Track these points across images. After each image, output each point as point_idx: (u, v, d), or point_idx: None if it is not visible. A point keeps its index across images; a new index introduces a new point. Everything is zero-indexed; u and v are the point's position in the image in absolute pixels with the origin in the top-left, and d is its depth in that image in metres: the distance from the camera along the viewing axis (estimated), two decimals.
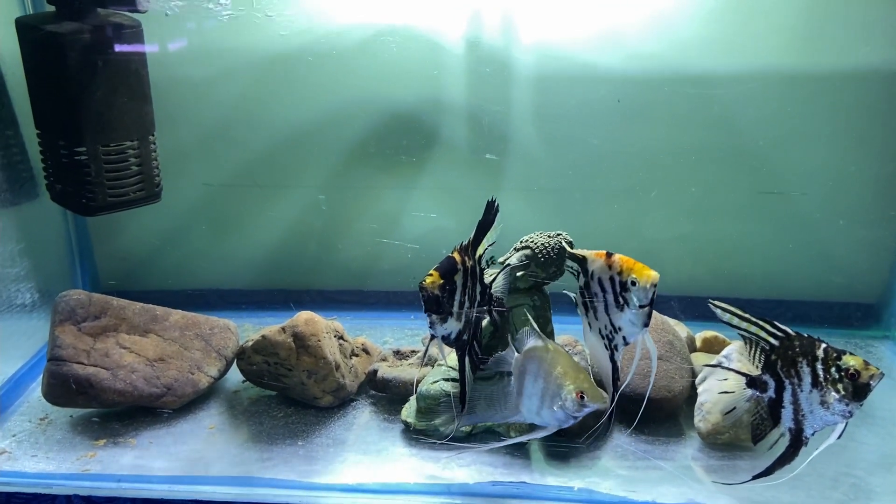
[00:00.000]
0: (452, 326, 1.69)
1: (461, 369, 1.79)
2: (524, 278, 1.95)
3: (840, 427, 1.57)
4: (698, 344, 2.23)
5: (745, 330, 1.66)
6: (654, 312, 2.05)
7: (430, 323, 1.67)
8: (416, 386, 1.98)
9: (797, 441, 1.62)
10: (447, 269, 1.65)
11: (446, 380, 2.00)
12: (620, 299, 1.68)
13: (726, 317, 1.67)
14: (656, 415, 2.00)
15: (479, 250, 1.74)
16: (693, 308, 2.28)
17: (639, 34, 2.37)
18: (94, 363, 1.96)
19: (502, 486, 1.77)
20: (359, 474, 1.85)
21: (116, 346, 2.01)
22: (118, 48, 2.06)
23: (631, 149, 2.49)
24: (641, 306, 1.65)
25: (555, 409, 1.65)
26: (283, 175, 2.60)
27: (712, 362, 2.00)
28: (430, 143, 2.52)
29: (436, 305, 1.63)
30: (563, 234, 1.97)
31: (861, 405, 1.53)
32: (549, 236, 1.96)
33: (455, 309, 1.67)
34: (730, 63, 2.37)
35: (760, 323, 1.64)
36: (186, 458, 1.91)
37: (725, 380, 1.84)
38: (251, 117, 2.52)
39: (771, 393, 1.64)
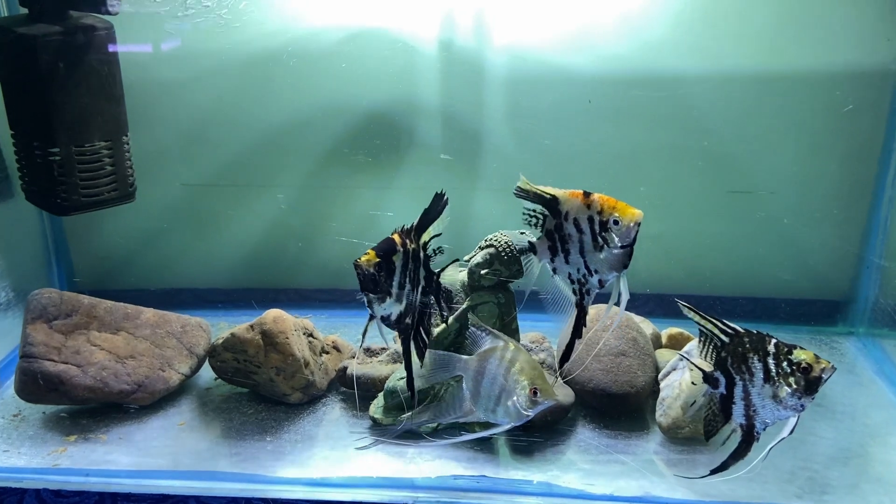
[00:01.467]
0: (392, 308, 1.68)
1: (405, 354, 1.78)
2: (488, 276, 1.98)
3: (793, 421, 1.60)
4: (664, 340, 2.27)
5: (703, 326, 1.69)
6: (616, 308, 2.10)
7: (368, 302, 1.66)
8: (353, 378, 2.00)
9: (749, 436, 1.65)
10: (384, 249, 1.64)
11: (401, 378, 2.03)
12: (599, 239, 1.62)
13: (686, 311, 1.69)
14: (620, 409, 2.04)
15: (425, 237, 1.73)
16: (666, 305, 2.31)
17: (608, 36, 2.40)
18: (65, 360, 1.99)
19: (463, 479, 1.80)
20: (326, 469, 1.88)
21: (87, 344, 2.04)
22: (90, 50, 2.09)
23: (602, 149, 2.52)
24: (623, 246, 1.59)
25: (508, 405, 1.67)
26: (259, 175, 2.62)
27: (674, 358, 2.03)
28: (404, 143, 2.55)
29: (371, 284, 1.62)
30: (527, 232, 2.00)
31: (813, 399, 1.55)
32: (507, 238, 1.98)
33: (395, 290, 1.66)
34: (698, 64, 2.41)
35: (711, 320, 1.67)
36: (156, 453, 1.93)
37: (691, 370, 1.87)
38: (228, 118, 2.55)
39: (722, 389, 1.67)
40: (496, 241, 1.98)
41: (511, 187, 2.54)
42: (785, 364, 1.55)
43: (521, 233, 1.99)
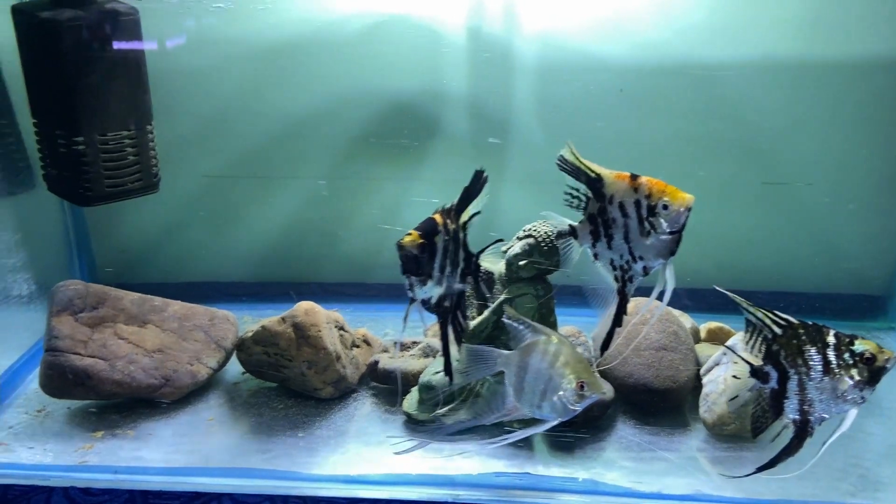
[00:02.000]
0: (433, 290, 1.60)
1: (444, 339, 1.70)
2: (527, 267, 1.92)
3: (852, 414, 1.54)
4: (703, 335, 2.21)
5: (753, 315, 1.62)
6: (658, 302, 2.04)
7: (409, 285, 1.57)
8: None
9: (802, 432, 1.59)
10: (427, 230, 1.56)
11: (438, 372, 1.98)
12: (646, 224, 1.54)
13: (740, 303, 1.62)
14: (661, 405, 1.98)
15: (464, 217, 1.66)
16: (699, 300, 2.25)
17: (642, 23, 2.34)
18: (92, 354, 1.94)
19: (506, 476, 1.75)
20: (360, 466, 1.83)
21: (114, 337, 1.99)
22: (115, 36, 2.03)
23: (634, 138, 2.46)
24: (671, 232, 1.52)
25: (554, 400, 1.62)
26: (283, 166, 2.57)
27: (718, 353, 1.98)
28: (431, 132, 2.50)
29: (414, 266, 1.54)
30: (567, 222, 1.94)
31: (873, 390, 1.50)
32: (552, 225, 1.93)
33: (436, 272, 1.59)
34: (735, 52, 2.34)
35: (763, 311, 1.61)
36: (186, 449, 1.89)
37: (735, 363, 1.81)
38: (251, 108, 2.50)
39: (773, 384, 1.61)
40: (535, 231, 1.93)
41: (539, 177, 2.49)
42: (847, 355, 1.50)
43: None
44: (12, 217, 2.17)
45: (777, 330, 1.59)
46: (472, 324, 1.97)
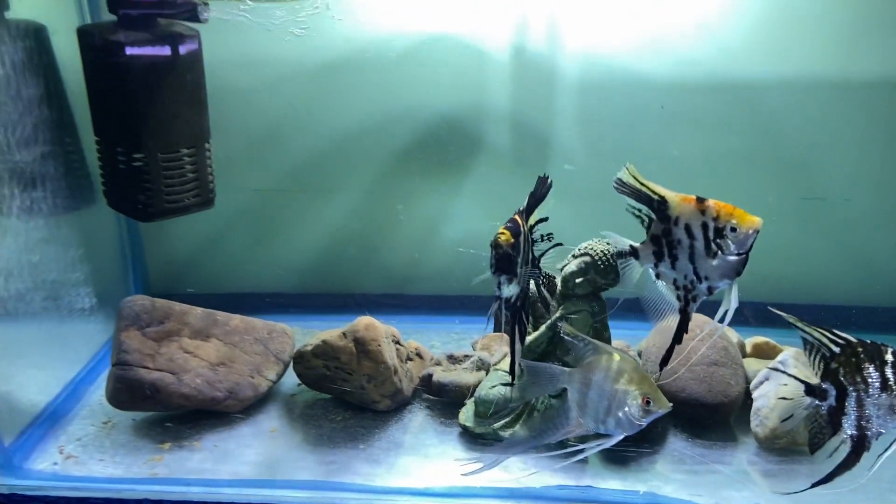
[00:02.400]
0: (514, 290, 1.64)
1: (512, 335, 1.74)
2: (583, 284, 1.98)
3: None
4: (748, 350, 2.26)
5: (809, 334, 1.68)
6: (706, 318, 2.09)
7: (498, 284, 1.60)
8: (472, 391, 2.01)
9: (860, 447, 1.64)
10: (515, 230, 1.60)
11: (504, 384, 2.03)
12: (713, 246, 1.59)
13: (797, 324, 1.67)
14: (711, 420, 2.03)
15: (532, 220, 1.71)
16: (738, 313, 2.31)
17: (683, 41, 2.39)
18: (160, 367, 2.00)
19: (568, 490, 1.80)
20: (423, 477, 1.88)
21: (180, 351, 2.04)
22: (178, 57, 2.09)
23: (675, 154, 2.51)
24: (739, 254, 1.57)
25: (619, 415, 1.67)
26: (329, 180, 2.63)
27: (769, 367, 2.03)
28: (475, 149, 2.55)
29: (507, 264, 1.57)
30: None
31: None
32: (608, 243, 1.98)
33: (519, 271, 1.62)
34: (774, 69, 2.40)
35: (820, 330, 1.66)
36: (252, 461, 1.94)
37: (785, 385, 1.86)
38: (299, 124, 2.55)
39: (831, 401, 1.66)
40: (592, 249, 1.98)
41: (583, 193, 2.53)
42: None
43: (609, 242, 1.99)
44: (75, 232, 2.22)
45: (835, 349, 1.64)
46: (528, 339, 2.02)
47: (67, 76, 2.18)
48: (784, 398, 1.80)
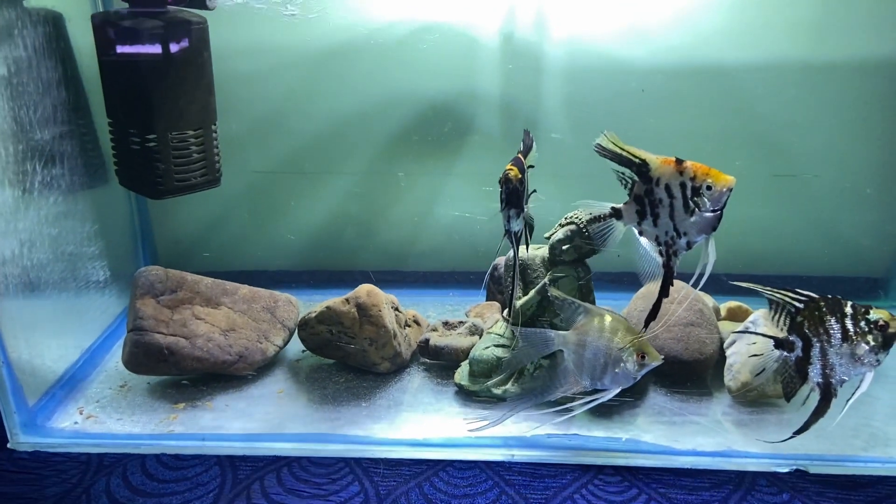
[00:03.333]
0: (520, 224, 1.77)
1: (516, 252, 1.91)
2: (569, 251, 2.12)
3: (869, 376, 1.75)
4: (723, 313, 2.42)
5: (773, 294, 1.83)
6: (683, 283, 2.24)
7: (508, 217, 1.73)
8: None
9: (827, 393, 1.79)
10: (521, 167, 1.72)
11: (497, 346, 2.17)
12: (691, 203, 1.71)
13: (761, 290, 1.83)
14: (689, 375, 2.19)
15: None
16: (715, 283, 2.45)
17: (662, 28, 2.54)
18: (174, 333, 2.12)
19: (556, 437, 1.95)
20: (422, 431, 2.02)
21: (192, 317, 2.17)
22: (187, 43, 2.22)
23: (655, 135, 2.65)
24: (714, 210, 1.70)
25: (616, 371, 1.80)
26: (328, 162, 2.75)
27: (740, 328, 2.19)
28: (467, 132, 2.69)
29: (516, 198, 1.69)
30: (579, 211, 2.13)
31: (887, 353, 1.71)
32: (589, 213, 2.12)
33: (525, 205, 1.74)
34: (748, 54, 2.55)
35: (783, 292, 1.82)
36: (261, 418, 2.07)
37: (754, 343, 2.02)
38: (299, 109, 2.67)
39: (798, 352, 1.81)
40: (577, 218, 2.13)
41: (567, 172, 2.66)
42: (863, 323, 1.70)
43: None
44: (90, 209, 2.34)
45: (799, 305, 1.79)
46: (518, 303, 2.17)
47: (82, 61, 2.30)
48: (755, 355, 1.96)
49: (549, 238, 2.16)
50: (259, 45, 2.57)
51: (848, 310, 1.73)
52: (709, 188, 1.69)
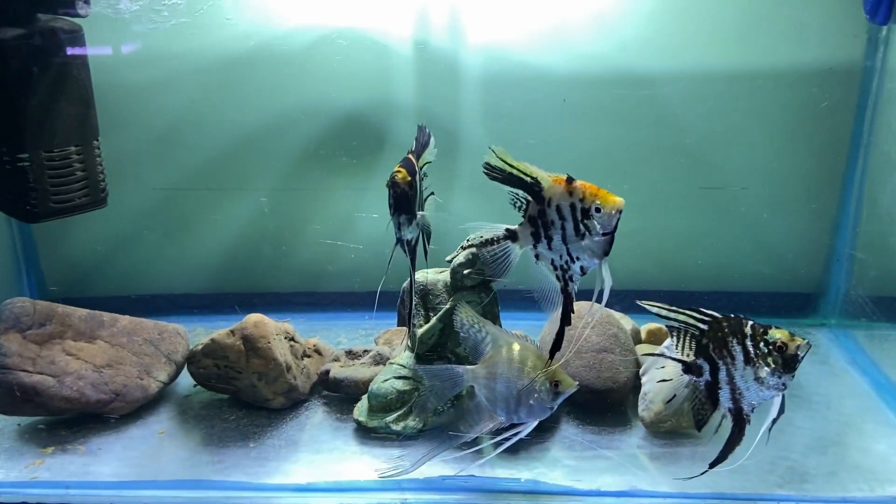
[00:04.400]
0: (413, 232, 1.64)
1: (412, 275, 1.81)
2: (471, 276, 1.98)
3: (778, 401, 1.62)
4: (643, 336, 2.29)
5: (675, 320, 1.70)
6: (598, 305, 2.11)
7: (398, 225, 1.59)
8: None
9: (739, 419, 1.66)
10: (411, 169, 1.58)
11: (397, 378, 2.03)
12: (581, 227, 1.58)
13: (654, 310, 1.70)
14: (602, 405, 2.06)
15: (420, 163, 1.70)
16: (641, 300, 2.34)
17: (582, 35, 2.44)
18: (41, 371, 1.95)
19: (451, 479, 1.80)
20: (311, 474, 1.86)
21: (63, 354, 2.00)
22: (58, 53, 2.05)
23: (578, 147, 2.55)
24: (604, 234, 1.57)
25: (531, 403, 1.68)
26: (233, 178, 2.60)
27: (656, 352, 2.06)
28: (380, 144, 2.55)
29: (406, 203, 1.56)
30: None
31: (793, 377, 1.58)
32: (480, 236, 1.98)
33: (417, 211, 1.62)
34: (670, 63, 2.45)
35: (687, 312, 1.68)
36: (136, 463, 1.90)
37: (663, 367, 1.90)
38: (200, 121, 2.53)
39: (707, 376, 1.68)
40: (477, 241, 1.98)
41: (488, 186, 2.54)
42: (762, 344, 1.58)
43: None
44: None
45: (703, 326, 1.67)
46: (419, 331, 2.03)
47: None
48: (664, 380, 1.83)
49: (450, 261, 2.02)
50: (153, 53, 2.40)
51: (748, 330, 1.60)
52: (598, 210, 1.55)
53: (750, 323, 1.61)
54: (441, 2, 2.39)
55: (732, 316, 1.65)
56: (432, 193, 1.85)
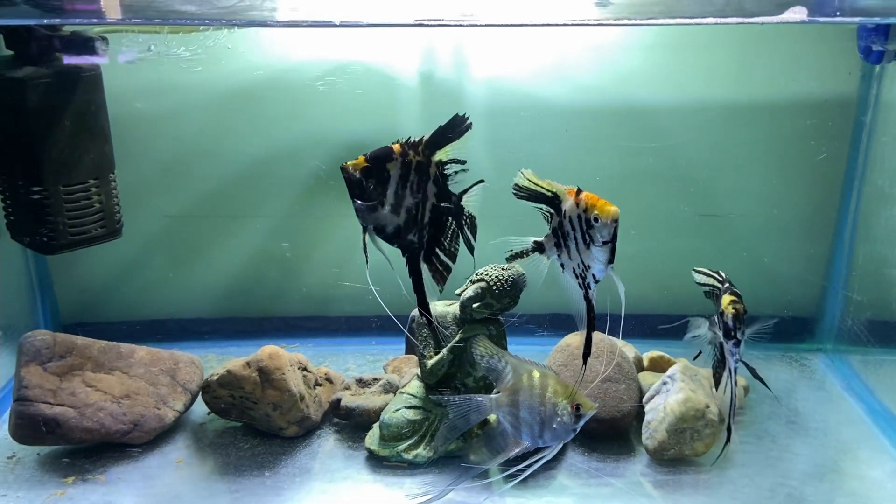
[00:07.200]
0: (387, 219, 1.62)
1: (413, 274, 1.72)
2: (480, 309, 2.04)
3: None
4: (645, 363, 2.36)
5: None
6: (603, 336, 2.18)
7: (357, 210, 1.58)
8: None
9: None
10: (377, 156, 1.58)
11: (408, 408, 2.08)
12: (587, 237, 1.67)
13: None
14: (607, 434, 2.12)
15: (442, 156, 1.68)
16: (642, 326, 2.40)
17: (583, 68, 2.50)
18: (61, 402, 2.00)
19: None
20: (325, 502, 1.91)
21: (82, 385, 2.05)
22: (77, 92, 2.10)
23: (580, 176, 2.59)
24: (604, 242, 1.64)
25: (554, 427, 1.76)
26: (242, 206, 2.65)
27: (658, 382, 2.12)
28: None
29: (357, 189, 1.55)
30: (516, 267, 2.06)
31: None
32: (502, 269, 2.05)
33: (389, 200, 1.60)
34: (669, 95, 2.52)
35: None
36: (156, 493, 1.95)
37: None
38: (211, 150, 2.57)
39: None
40: (487, 275, 2.04)
41: (492, 213, 2.60)
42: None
43: (503, 268, 2.06)
44: None
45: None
46: (429, 363, 2.08)
47: None
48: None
49: (459, 295, 2.08)
50: (165, 84, 2.46)
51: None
52: (596, 220, 1.64)
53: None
54: (446, 38, 2.45)
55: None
56: (482, 181, 1.82)
